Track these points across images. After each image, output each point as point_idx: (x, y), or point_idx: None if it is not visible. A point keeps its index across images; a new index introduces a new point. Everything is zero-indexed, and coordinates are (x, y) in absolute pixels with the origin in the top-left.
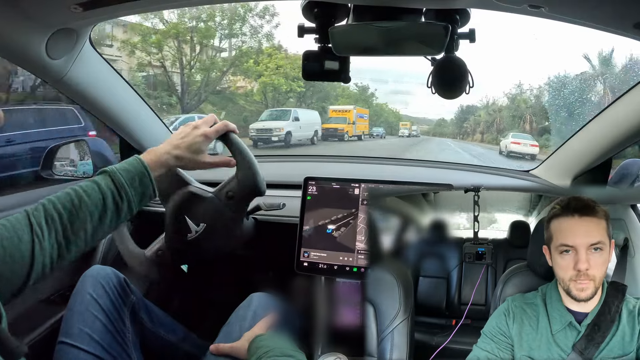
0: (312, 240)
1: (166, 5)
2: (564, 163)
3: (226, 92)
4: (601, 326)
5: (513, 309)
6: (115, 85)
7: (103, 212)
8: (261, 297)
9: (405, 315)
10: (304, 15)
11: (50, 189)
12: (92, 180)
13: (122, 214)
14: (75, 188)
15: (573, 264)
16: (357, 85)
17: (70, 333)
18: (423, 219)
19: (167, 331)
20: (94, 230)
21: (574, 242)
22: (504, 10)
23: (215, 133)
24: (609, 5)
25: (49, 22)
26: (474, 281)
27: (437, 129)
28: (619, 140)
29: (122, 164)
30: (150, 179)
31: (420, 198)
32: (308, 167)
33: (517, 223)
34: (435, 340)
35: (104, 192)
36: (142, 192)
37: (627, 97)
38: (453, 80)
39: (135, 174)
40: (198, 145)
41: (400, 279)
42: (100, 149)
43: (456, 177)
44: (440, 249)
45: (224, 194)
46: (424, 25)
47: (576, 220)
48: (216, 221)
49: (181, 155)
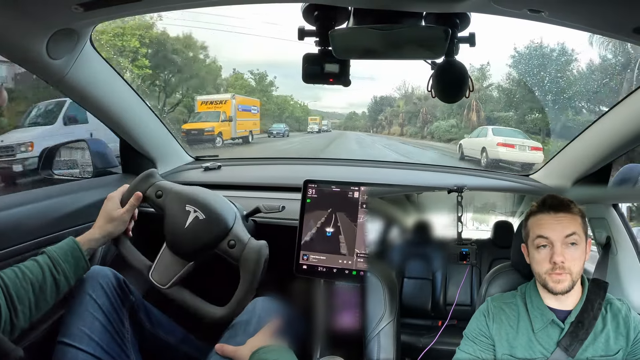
0: (312, 243)
1: (167, 7)
2: (564, 167)
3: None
4: (584, 323)
5: (492, 310)
6: (115, 85)
7: (43, 284)
8: (265, 302)
9: (391, 317)
10: (305, 18)
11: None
12: (33, 259)
13: (60, 285)
14: (19, 265)
15: (549, 257)
16: (252, 73)
17: (69, 333)
18: (407, 220)
19: (166, 332)
20: (37, 299)
21: (549, 235)
22: (504, 14)
23: (119, 193)
24: (609, 10)
25: (50, 22)
26: (459, 282)
27: (349, 123)
28: (619, 145)
29: (58, 244)
30: (81, 253)
31: (404, 199)
32: (308, 170)
33: (501, 223)
34: (421, 342)
35: (43, 267)
36: (75, 265)
37: (628, 102)
38: (454, 84)
39: (68, 250)
40: (105, 208)
41: (385, 281)
42: (100, 149)
43: (454, 180)
44: (424, 250)
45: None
46: (424, 29)
47: (552, 216)
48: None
49: (100, 225)
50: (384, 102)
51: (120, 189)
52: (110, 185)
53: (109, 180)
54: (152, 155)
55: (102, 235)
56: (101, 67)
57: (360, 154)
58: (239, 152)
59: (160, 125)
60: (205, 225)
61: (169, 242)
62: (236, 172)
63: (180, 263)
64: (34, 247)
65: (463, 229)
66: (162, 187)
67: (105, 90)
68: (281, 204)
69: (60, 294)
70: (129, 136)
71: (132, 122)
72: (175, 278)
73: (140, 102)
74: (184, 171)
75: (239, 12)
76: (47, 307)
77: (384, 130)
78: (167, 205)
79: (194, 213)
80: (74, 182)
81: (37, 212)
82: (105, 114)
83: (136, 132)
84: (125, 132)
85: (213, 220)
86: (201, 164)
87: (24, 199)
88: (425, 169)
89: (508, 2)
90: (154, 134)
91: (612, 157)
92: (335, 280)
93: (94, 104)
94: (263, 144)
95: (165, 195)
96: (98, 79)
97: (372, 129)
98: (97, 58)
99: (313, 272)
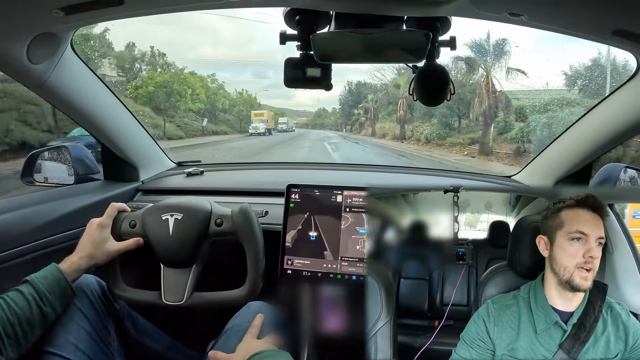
0: (296, 247)
1: (147, 12)
2: (546, 168)
3: None
4: (586, 325)
5: (493, 313)
6: (96, 90)
7: (30, 316)
8: (258, 306)
9: (387, 317)
10: (286, 22)
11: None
12: (16, 289)
13: (47, 316)
14: (3, 296)
15: (583, 251)
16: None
17: (55, 343)
18: (403, 220)
19: (152, 340)
20: (24, 332)
21: (589, 231)
22: (484, 18)
23: (108, 218)
24: (588, 13)
25: (30, 27)
26: (455, 282)
27: (318, 121)
28: (600, 145)
29: (41, 272)
30: (67, 283)
31: (400, 199)
32: (291, 175)
33: (497, 223)
34: (418, 342)
35: (28, 299)
36: (61, 295)
37: (608, 102)
38: (435, 88)
39: (54, 281)
40: (99, 237)
41: (382, 282)
42: (81, 155)
43: (437, 182)
44: (420, 250)
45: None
46: (405, 33)
47: (591, 215)
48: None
49: (90, 254)
50: (363, 90)
51: (109, 214)
52: (92, 193)
53: (91, 187)
54: (134, 161)
55: (88, 265)
56: (82, 72)
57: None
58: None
59: (141, 130)
60: (186, 220)
61: (163, 258)
62: (219, 178)
63: (185, 272)
64: (17, 256)
65: (459, 229)
66: (131, 217)
67: (86, 95)
68: (264, 208)
69: (48, 324)
70: (110, 142)
71: (114, 127)
72: (187, 289)
73: (121, 108)
74: (166, 177)
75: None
76: (36, 337)
77: (362, 129)
78: (145, 227)
79: (171, 217)
80: (55, 188)
81: (19, 220)
82: (87, 119)
83: (118, 137)
84: (106, 138)
85: (191, 213)
86: (183, 169)
87: (5, 206)
88: (408, 172)
89: (488, 6)
90: (136, 139)
91: (593, 157)
92: (320, 284)
93: (75, 109)
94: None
95: (137, 221)
96: (79, 84)
97: (345, 127)
98: (78, 62)
99: (298, 276)
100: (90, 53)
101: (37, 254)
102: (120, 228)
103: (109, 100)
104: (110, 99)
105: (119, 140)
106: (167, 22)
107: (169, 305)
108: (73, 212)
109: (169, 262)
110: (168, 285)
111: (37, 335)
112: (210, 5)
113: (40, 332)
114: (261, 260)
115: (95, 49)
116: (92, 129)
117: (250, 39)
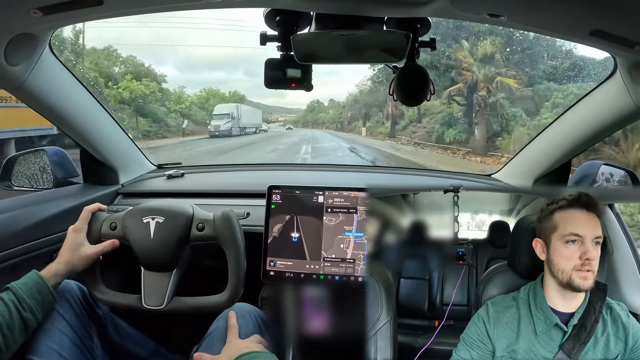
0: (278, 249)
1: (127, 12)
2: (525, 166)
3: None
4: (587, 326)
5: (492, 314)
6: (75, 92)
7: (10, 322)
8: (241, 308)
9: (387, 317)
10: (267, 23)
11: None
12: None
13: (28, 323)
14: None
15: (579, 253)
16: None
17: (37, 350)
18: (403, 220)
19: (135, 345)
20: (6, 339)
21: (584, 233)
22: (464, 19)
23: (82, 222)
24: (566, 14)
25: (8, 27)
26: (455, 282)
27: (310, 117)
28: (578, 143)
29: (21, 279)
30: (48, 288)
31: (400, 199)
32: (272, 176)
33: (497, 223)
34: (418, 342)
35: (8, 304)
36: (41, 300)
37: (585, 101)
38: (415, 88)
39: (34, 286)
40: (74, 241)
41: (382, 282)
42: (60, 159)
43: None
44: (420, 250)
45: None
46: (385, 34)
47: (585, 214)
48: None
49: (67, 260)
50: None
51: (82, 217)
52: (71, 197)
53: (70, 191)
54: (114, 164)
55: (67, 270)
56: (61, 73)
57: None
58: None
59: (121, 132)
60: (168, 224)
61: (144, 262)
62: (199, 180)
63: (165, 276)
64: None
65: (459, 229)
66: (112, 219)
67: (65, 97)
68: (246, 210)
69: (29, 332)
70: (89, 145)
71: (93, 130)
72: (168, 293)
73: (101, 110)
74: (146, 180)
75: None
76: (17, 345)
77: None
78: (126, 229)
79: (153, 221)
80: (34, 193)
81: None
82: (66, 121)
83: (97, 140)
84: (86, 141)
85: (173, 217)
86: (164, 171)
87: None
88: (387, 172)
89: (468, 7)
90: (116, 142)
91: (571, 155)
92: (303, 285)
93: (54, 111)
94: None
95: (118, 223)
96: (57, 85)
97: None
98: (57, 64)
99: (280, 278)
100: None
101: (15, 260)
102: (101, 230)
103: (87, 102)
104: (89, 100)
105: (98, 142)
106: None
107: (148, 309)
108: (51, 216)
109: (150, 265)
110: (148, 289)
111: (19, 342)
112: (190, 6)
113: (22, 340)
114: (242, 266)
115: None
116: (71, 131)
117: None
